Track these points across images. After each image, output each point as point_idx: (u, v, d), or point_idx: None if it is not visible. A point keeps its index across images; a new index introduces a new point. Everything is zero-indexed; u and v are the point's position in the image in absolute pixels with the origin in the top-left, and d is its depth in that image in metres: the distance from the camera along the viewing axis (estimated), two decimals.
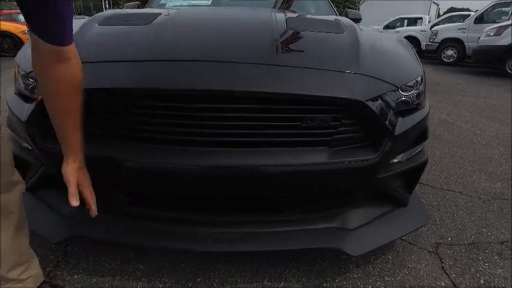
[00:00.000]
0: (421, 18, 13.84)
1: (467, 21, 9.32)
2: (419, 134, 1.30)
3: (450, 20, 10.83)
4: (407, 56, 1.39)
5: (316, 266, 1.36)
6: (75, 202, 0.92)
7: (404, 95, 1.21)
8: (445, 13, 14.72)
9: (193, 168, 1.03)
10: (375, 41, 1.38)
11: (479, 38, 7.84)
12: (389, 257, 1.44)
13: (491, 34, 7.36)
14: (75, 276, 1.30)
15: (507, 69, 7.18)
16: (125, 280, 1.29)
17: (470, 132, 3.27)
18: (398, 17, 13.97)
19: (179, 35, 1.30)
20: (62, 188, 1.34)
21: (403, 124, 1.18)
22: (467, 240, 1.57)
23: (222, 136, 1.05)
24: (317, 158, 1.09)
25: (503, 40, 7.02)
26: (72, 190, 0.93)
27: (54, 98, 0.86)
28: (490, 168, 2.41)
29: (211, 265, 1.36)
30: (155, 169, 1.06)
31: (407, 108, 1.23)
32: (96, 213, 0.99)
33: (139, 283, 1.28)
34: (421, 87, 1.29)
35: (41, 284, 1.14)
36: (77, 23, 1.41)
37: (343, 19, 1.68)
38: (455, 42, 9.28)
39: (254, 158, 1.05)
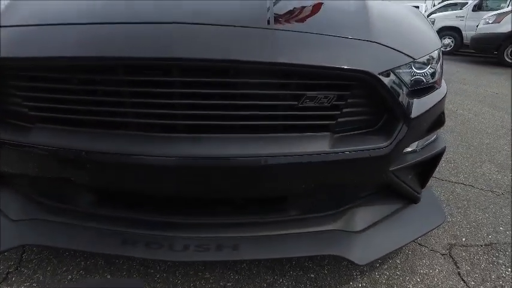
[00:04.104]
0: (417, 7, 13.58)
1: (465, 9, 9.12)
2: (437, 118, 1.11)
3: (447, 9, 10.61)
4: (422, 25, 1.18)
5: (313, 274, 1.16)
6: None
7: (420, 71, 1.00)
8: (440, 2, 14.49)
9: (159, 160, 0.81)
10: (386, 8, 1.16)
11: (477, 26, 7.65)
12: (398, 261, 1.25)
13: (490, 21, 7.17)
14: None
15: (506, 57, 7.01)
16: None
17: (474, 121, 3.09)
18: None
19: None
20: (11, 186, 1.14)
21: (419, 105, 0.98)
22: (483, 241, 1.38)
23: (197, 119, 0.83)
24: (316, 146, 0.88)
25: (503, 27, 6.82)
26: None
27: None
28: (499, 159, 2.23)
29: (190, 273, 1.15)
30: (114, 161, 0.84)
31: (424, 87, 1.03)
32: None
33: None
34: (439, 64, 1.08)
35: None
36: None
37: None
38: (452, 31, 9.08)
39: (238, 146, 0.83)
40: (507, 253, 1.31)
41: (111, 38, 0.81)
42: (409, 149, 1.06)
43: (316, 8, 1.03)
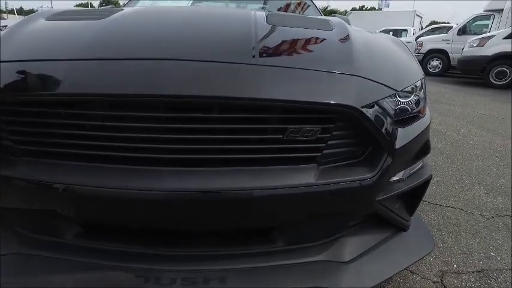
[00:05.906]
0: (406, 30, 14.09)
1: (450, 32, 9.50)
2: (422, 146, 1.12)
3: (433, 32, 11.04)
4: (405, 57, 1.22)
5: None
6: None
7: (404, 101, 1.03)
8: (427, 26, 15.10)
9: (145, 194, 0.80)
10: (368, 40, 1.21)
11: (463, 49, 7.95)
12: None
13: (475, 45, 7.47)
14: None
15: (491, 79, 7.25)
16: None
17: (463, 143, 3.14)
18: (383, 29, 14.16)
19: (137, 29, 1.08)
20: None
21: (404, 135, 1.00)
22: (475, 267, 1.38)
23: (183, 152, 0.83)
24: (303, 178, 0.88)
25: (487, 50, 7.12)
26: None
27: None
28: (488, 181, 2.26)
29: None
30: (99, 194, 0.84)
31: (408, 117, 1.05)
32: None
33: None
34: (422, 92, 1.12)
35: None
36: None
37: (332, 18, 1.51)
38: (440, 53, 9.41)
39: (224, 179, 0.84)
40: (499, 280, 1.30)
41: (96, 73, 0.82)
42: (395, 178, 1.07)
43: (302, 42, 1.07)
